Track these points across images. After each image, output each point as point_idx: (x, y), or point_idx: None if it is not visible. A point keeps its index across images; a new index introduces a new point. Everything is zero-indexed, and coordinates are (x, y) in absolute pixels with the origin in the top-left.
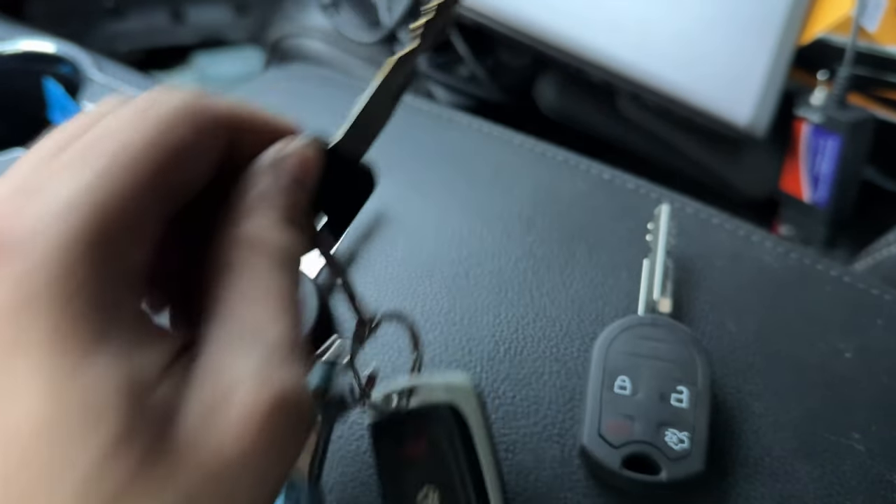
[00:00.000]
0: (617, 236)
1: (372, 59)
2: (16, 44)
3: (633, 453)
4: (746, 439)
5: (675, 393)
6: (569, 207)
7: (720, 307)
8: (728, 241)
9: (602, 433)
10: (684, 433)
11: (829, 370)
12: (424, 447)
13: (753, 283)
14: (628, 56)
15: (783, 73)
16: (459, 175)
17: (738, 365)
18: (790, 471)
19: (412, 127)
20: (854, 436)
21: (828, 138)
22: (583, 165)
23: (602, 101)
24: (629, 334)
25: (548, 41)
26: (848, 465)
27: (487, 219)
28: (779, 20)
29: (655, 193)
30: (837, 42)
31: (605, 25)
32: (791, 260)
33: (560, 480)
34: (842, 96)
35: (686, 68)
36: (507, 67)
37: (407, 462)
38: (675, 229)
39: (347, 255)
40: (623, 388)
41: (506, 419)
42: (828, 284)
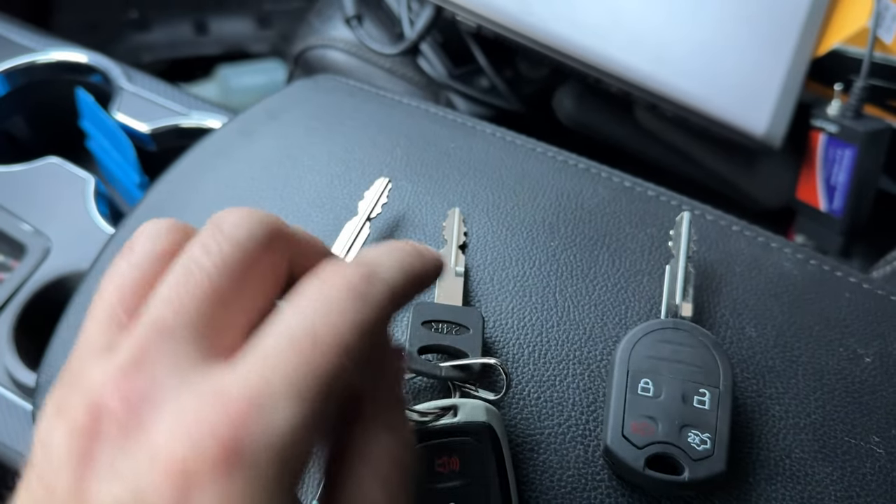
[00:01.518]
0: (638, 242)
1: (394, 70)
2: (48, 54)
3: (657, 454)
4: (766, 441)
5: (697, 395)
6: (591, 214)
7: (740, 312)
8: (748, 247)
9: (626, 434)
10: (706, 434)
11: (849, 375)
12: (457, 464)
13: (773, 288)
14: (646, 67)
15: (799, 83)
16: (484, 182)
17: (758, 369)
18: (810, 473)
19: (436, 135)
20: (874, 439)
21: (844, 148)
22: (604, 173)
23: (620, 111)
24: (652, 338)
25: (567, 52)
26: (867, 468)
27: (511, 225)
28: (795, 32)
29: (676, 201)
30: (853, 53)
31: (623, 37)
32: (810, 266)
33: (583, 480)
34: (858, 107)
35: (703, 79)
36: (526, 78)
37: (436, 477)
38: (696, 235)
39: None
40: (646, 389)
41: (530, 420)
42: (847, 290)
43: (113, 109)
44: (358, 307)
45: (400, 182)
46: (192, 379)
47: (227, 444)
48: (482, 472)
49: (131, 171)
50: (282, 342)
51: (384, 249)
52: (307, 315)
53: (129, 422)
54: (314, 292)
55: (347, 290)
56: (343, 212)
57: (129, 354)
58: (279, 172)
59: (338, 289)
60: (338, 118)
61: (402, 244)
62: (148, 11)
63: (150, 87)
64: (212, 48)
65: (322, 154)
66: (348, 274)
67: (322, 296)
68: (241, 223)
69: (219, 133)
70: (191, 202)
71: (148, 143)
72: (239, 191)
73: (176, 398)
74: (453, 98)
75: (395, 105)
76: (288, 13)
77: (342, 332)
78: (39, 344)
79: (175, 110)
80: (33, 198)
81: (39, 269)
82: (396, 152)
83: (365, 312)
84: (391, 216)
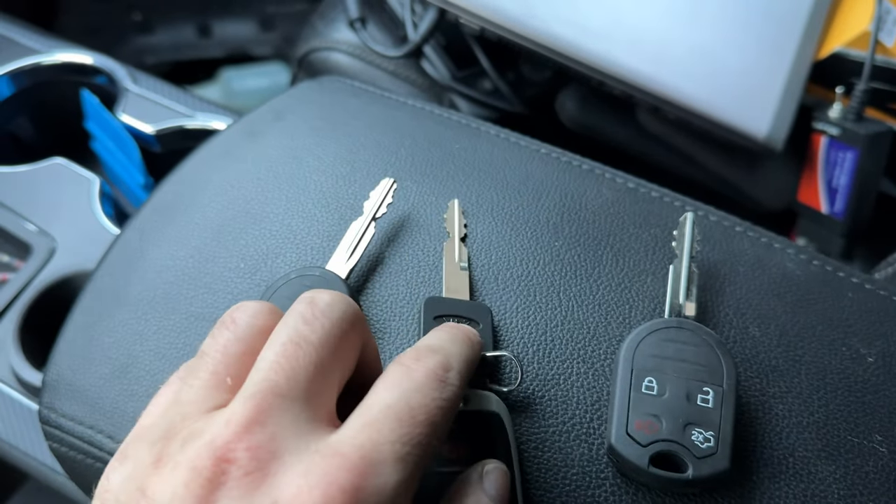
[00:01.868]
0: (642, 243)
1: (397, 72)
2: (53, 55)
3: (661, 451)
4: (770, 440)
5: (700, 394)
6: (595, 215)
7: (743, 312)
8: (751, 247)
9: (630, 432)
10: (710, 432)
11: (852, 374)
12: (465, 450)
13: (776, 288)
14: (649, 70)
15: (801, 86)
16: (488, 183)
17: (762, 368)
18: (813, 471)
19: (441, 136)
20: (876, 438)
21: (845, 151)
22: (608, 174)
23: (622, 114)
24: (656, 337)
25: (570, 55)
26: (870, 467)
27: (516, 225)
28: (797, 35)
29: (679, 202)
30: (854, 57)
31: (626, 40)
32: (813, 267)
33: (587, 478)
34: (859, 110)
35: (705, 82)
36: (528, 81)
37: (445, 462)
38: (700, 235)
39: (377, 260)
40: (650, 388)
41: (535, 418)
42: (850, 291)
43: (118, 111)
44: (440, 390)
45: (405, 182)
46: (308, 438)
47: (351, 498)
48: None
49: (136, 172)
50: (384, 413)
51: (447, 337)
52: (402, 394)
53: (255, 473)
54: (403, 376)
55: (432, 377)
56: (348, 211)
57: (249, 413)
58: (285, 173)
59: (424, 375)
60: (343, 119)
61: (459, 332)
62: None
63: (154, 89)
64: (215, 51)
65: (327, 155)
66: (430, 364)
67: (412, 379)
68: (335, 303)
69: (224, 134)
70: (196, 202)
71: (153, 144)
72: (245, 191)
73: (297, 454)
74: (456, 100)
75: (399, 106)
76: (291, 16)
77: (431, 410)
78: (45, 343)
79: (180, 112)
80: (38, 198)
81: (45, 268)
82: (401, 153)
83: (445, 395)
84: (396, 216)
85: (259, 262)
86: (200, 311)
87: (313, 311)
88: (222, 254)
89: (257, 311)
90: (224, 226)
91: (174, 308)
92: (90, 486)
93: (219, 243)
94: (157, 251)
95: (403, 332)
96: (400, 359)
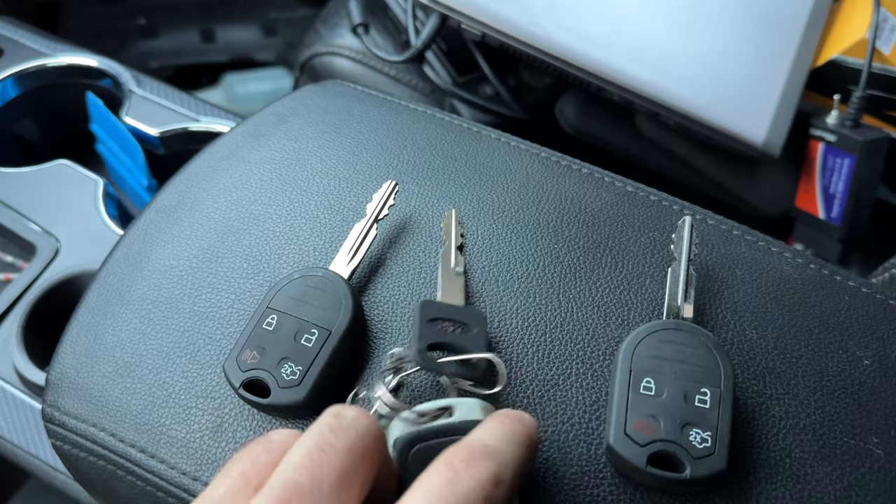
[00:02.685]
0: (641, 246)
1: (399, 78)
2: (58, 58)
3: (658, 452)
4: (767, 441)
5: (698, 394)
6: (594, 218)
7: (741, 315)
8: (748, 251)
9: (628, 432)
10: (708, 433)
11: (848, 377)
12: None
13: (773, 291)
14: (648, 76)
15: (798, 93)
16: (489, 186)
17: (759, 370)
18: (810, 473)
19: (443, 139)
20: (873, 440)
21: (842, 158)
22: (608, 178)
23: (621, 119)
24: (654, 338)
25: (569, 61)
26: (867, 469)
27: (515, 228)
28: (795, 42)
29: (678, 205)
30: (851, 64)
31: (625, 46)
32: (810, 270)
33: (586, 478)
34: (856, 117)
35: (704, 88)
36: (529, 86)
37: None
38: (698, 239)
39: (378, 262)
40: (648, 388)
41: (533, 417)
42: (846, 294)
43: (122, 113)
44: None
45: (407, 185)
46: None
47: None
48: None
49: (140, 174)
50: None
51: (506, 436)
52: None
53: None
54: (448, 485)
55: (480, 491)
56: (351, 213)
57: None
58: (288, 175)
59: (471, 488)
60: (346, 122)
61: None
62: (155, 19)
63: (159, 92)
64: (218, 56)
65: (330, 157)
66: (482, 474)
67: (457, 493)
68: (360, 417)
69: (228, 136)
70: (200, 204)
71: (157, 146)
72: (248, 193)
73: None
74: (457, 105)
75: (402, 110)
76: (293, 22)
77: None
78: (47, 343)
79: (184, 114)
80: (43, 199)
81: (48, 269)
82: (403, 156)
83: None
84: (398, 218)
85: (262, 262)
86: (204, 310)
87: (340, 423)
88: (226, 254)
89: (290, 437)
90: (228, 226)
91: (178, 307)
92: (93, 484)
93: (222, 244)
94: (161, 251)
95: (404, 333)
96: (449, 458)
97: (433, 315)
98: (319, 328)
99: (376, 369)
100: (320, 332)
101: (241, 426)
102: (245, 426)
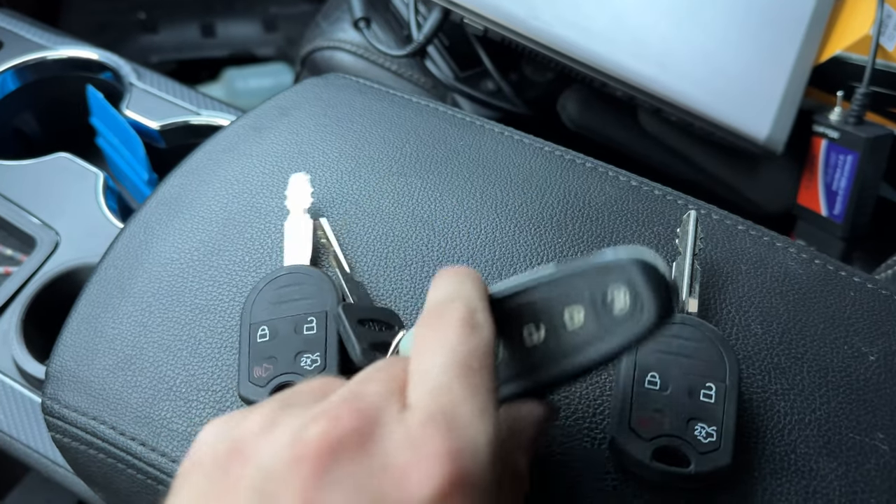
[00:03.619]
0: (644, 240)
1: (400, 72)
2: (59, 51)
3: (663, 446)
4: (772, 437)
5: (703, 389)
6: (598, 212)
7: (746, 310)
8: (753, 246)
9: (633, 426)
10: (713, 427)
11: (854, 372)
12: None
13: (778, 287)
14: (651, 72)
15: (801, 89)
16: (492, 180)
17: (764, 365)
18: (815, 468)
19: (445, 133)
20: (878, 436)
21: (845, 154)
22: (612, 172)
23: (624, 115)
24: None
25: (572, 56)
26: (872, 464)
27: (519, 222)
28: (798, 39)
29: (682, 200)
30: (855, 60)
31: (628, 42)
32: (815, 266)
33: (591, 472)
34: (859, 113)
35: (707, 84)
36: (531, 82)
37: None
38: (703, 233)
39: (382, 254)
40: (653, 383)
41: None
42: (851, 290)
43: (123, 107)
44: (477, 334)
45: (410, 178)
46: (395, 407)
47: (456, 466)
48: None
49: (140, 167)
50: (446, 375)
51: (455, 281)
52: (449, 352)
53: (363, 434)
54: (437, 337)
55: (465, 325)
56: (353, 207)
57: (349, 391)
58: (290, 168)
59: (456, 327)
60: (348, 115)
61: (461, 273)
62: (155, 13)
63: (159, 85)
64: (218, 51)
65: (332, 150)
66: (456, 314)
67: (447, 337)
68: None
69: (230, 129)
70: (202, 196)
71: (157, 140)
72: (250, 186)
73: (392, 425)
74: (459, 100)
75: (404, 103)
76: (294, 17)
77: (480, 356)
78: (47, 336)
79: (185, 108)
80: (43, 192)
81: (48, 262)
82: (406, 149)
83: (484, 336)
84: (400, 212)
85: (264, 255)
86: (205, 303)
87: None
88: (227, 247)
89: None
90: (229, 220)
91: (179, 300)
92: (93, 478)
93: (224, 237)
94: (162, 244)
95: (408, 326)
96: (423, 322)
97: (360, 316)
98: (315, 314)
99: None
100: (318, 317)
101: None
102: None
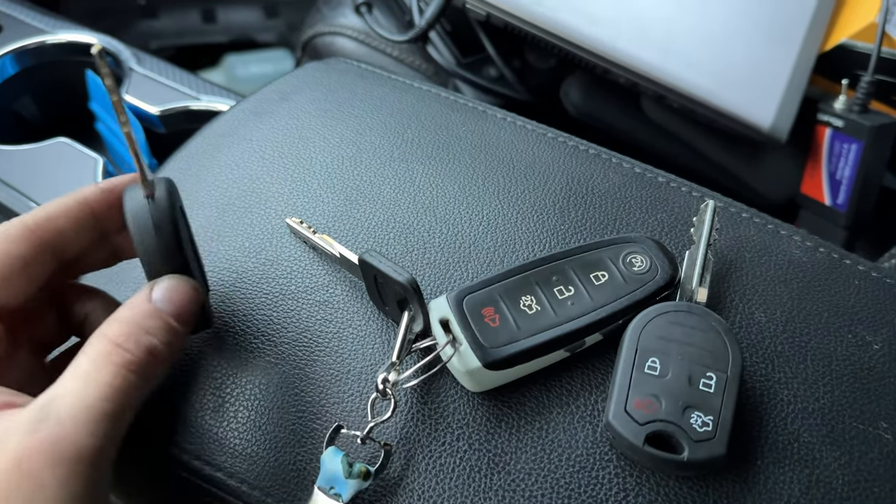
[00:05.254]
0: (648, 228)
1: (402, 58)
2: (58, 35)
3: (657, 431)
4: (775, 425)
5: (703, 378)
6: (602, 199)
7: (749, 297)
8: (757, 234)
9: (628, 409)
10: (709, 417)
11: (857, 361)
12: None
13: (782, 275)
14: (654, 58)
15: (806, 77)
16: (495, 166)
17: (767, 353)
18: (818, 457)
19: (448, 119)
20: (882, 425)
21: (849, 143)
22: (615, 159)
23: (627, 102)
24: (664, 319)
25: (575, 43)
26: (875, 454)
27: (522, 208)
28: (803, 26)
29: (686, 188)
30: (860, 48)
31: (632, 28)
32: (819, 254)
33: (592, 460)
34: (864, 102)
35: (710, 71)
36: (534, 68)
37: None
38: (718, 224)
39: (385, 241)
40: (653, 368)
41: (539, 399)
42: (856, 278)
43: (122, 92)
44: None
45: (411, 164)
46: None
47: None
48: None
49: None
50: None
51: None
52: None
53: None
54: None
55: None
56: (354, 193)
57: None
58: (290, 153)
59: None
60: (349, 100)
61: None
62: None
63: (159, 70)
64: (219, 36)
65: (333, 136)
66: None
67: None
68: None
69: (230, 113)
70: (202, 182)
71: (157, 125)
72: (249, 171)
73: None
74: (461, 86)
75: (406, 89)
76: (295, 2)
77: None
78: None
79: (185, 93)
80: (42, 177)
81: None
82: (407, 135)
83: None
84: (402, 198)
85: (264, 241)
86: None
87: None
88: (227, 232)
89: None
90: (229, 205)
91: None
92: None
93: (224, 222)
94: None
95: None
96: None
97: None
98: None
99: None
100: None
101: (242, 406)
102: (246, 406)
